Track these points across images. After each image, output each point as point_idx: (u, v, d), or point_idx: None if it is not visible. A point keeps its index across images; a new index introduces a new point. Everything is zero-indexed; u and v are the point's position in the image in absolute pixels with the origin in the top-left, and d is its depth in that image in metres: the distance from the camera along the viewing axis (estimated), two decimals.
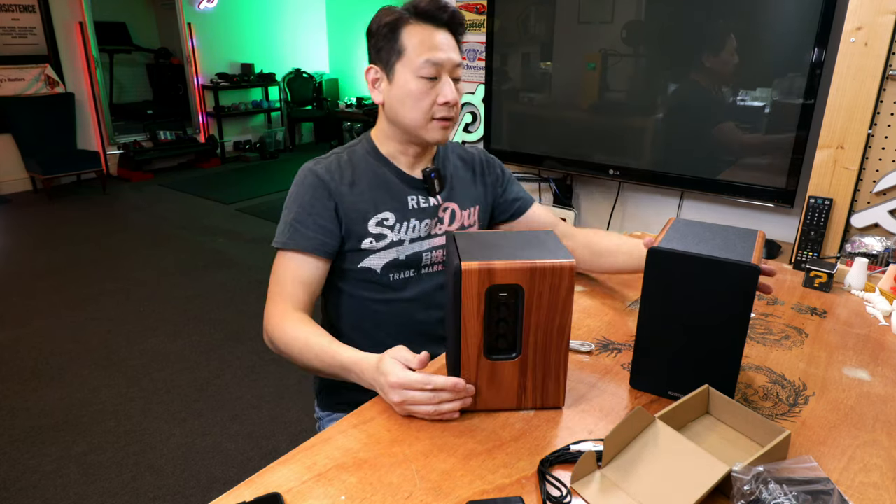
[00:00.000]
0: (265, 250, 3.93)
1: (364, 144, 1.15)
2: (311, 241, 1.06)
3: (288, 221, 1.08)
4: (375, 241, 1.10)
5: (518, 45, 2.68)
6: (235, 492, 0.70)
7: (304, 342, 0.97)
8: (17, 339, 2.77)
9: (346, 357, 0.91)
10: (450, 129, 1.10)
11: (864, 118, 1.69)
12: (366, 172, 1.12)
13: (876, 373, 0.99)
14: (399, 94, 1.05)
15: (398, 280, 1.14)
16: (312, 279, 1.07)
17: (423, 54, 1.02)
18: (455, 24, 1.07)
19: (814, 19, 1.90)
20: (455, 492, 0.71)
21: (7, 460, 1.98)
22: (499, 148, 2.82)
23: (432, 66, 1.03)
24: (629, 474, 0.71)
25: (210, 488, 1.87)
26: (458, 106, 1.10)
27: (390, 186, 1.12)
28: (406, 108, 1.06)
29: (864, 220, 1.75)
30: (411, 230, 1.13)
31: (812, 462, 0.67)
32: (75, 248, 3.98)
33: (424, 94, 1.04)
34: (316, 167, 1.10)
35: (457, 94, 1.08)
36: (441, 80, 1.05)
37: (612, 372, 0.97)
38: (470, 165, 1.24)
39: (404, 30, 1.04)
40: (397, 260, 1.12)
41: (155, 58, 7.81)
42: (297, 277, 1.05)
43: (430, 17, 1.04)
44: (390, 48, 1.04)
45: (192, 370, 2.52)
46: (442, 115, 1.06)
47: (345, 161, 1.12)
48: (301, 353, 0.98)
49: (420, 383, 0.80)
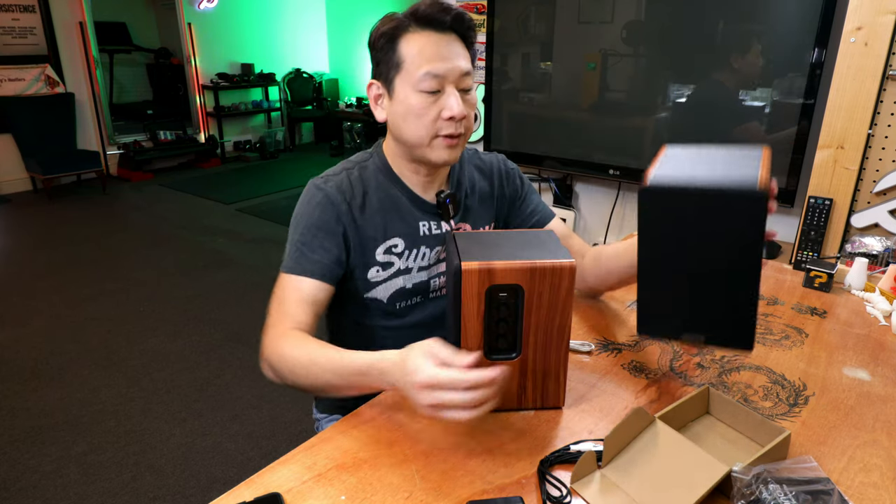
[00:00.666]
0: (265, 250, 3.93)
1: (376, 160, 1.06)
2: (315, 265, 0.98)
3: (294, 242, 1.00)
4: (382, 270, 1.03)
5: (518, 45, 2.68)
6: (235, 492, 0.70)
7: (309, 359, 0.86)
8: (17, 339, 2.77)
9: (361, 360, 0.80)
10: (457, 148, 0.99)
11: (864, 118, 1.69)
12: (376, 192, 1.03)
13: (876, 373, 0.99)
14: (400, 111, 0.96)
15: (404, 307, 1.08)
16: (316, 300, 0.97)
17: (423, 66, 0.92)
18: (462, 27, 0.96)
19: (814, 19, 1.91)
20: (455, 492, 0.71)
21: (7, 460, 1.98)
22: (499, 148, 2.82)
23: (433, 78, 0.92)
24: (629, 474, 0.71)
25: (210, 488, 1.87)
26: (471, 119, 0.98)
27: (401, 210, 1.04)
28: (408, 126, 0.96)
29: (864, 220, 1.75)
30: (420, 258, 1.05)
31: (812, 462, 0.67)
32: (75, 248, 3.98)
33: (426, 109, 0.94)
34: (326, 186, 1.00)
35: (464, 106, 0.95)
36: (445, 93, 0.94)
37: (612, 372, 0.97)
38: (488, 176, 1.15)
39: (402, 39, 0.94)
40: (404, 289, 1.05)
41: (155, 58, 7.81)
42: (300, 298, 0.96)
43: (431, 21, 0.93)
44: (388, 61, 0.95)
45: (192, 370, 2.52)
46: (447, 131, 0.95)
47: (355, 178, 1.03)
48: (308, 372, 0.86)
49: (454, 382, 0.69)
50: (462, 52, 0.96)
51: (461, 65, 0.94)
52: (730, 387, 0.94)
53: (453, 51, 0.94)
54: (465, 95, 0.97)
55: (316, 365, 0.85)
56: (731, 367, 1.00)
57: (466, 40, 0.98)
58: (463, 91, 0.96)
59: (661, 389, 0.93)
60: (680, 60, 2.28)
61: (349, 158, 1.08)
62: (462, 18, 0.95)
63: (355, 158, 1.08)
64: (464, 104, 0.96)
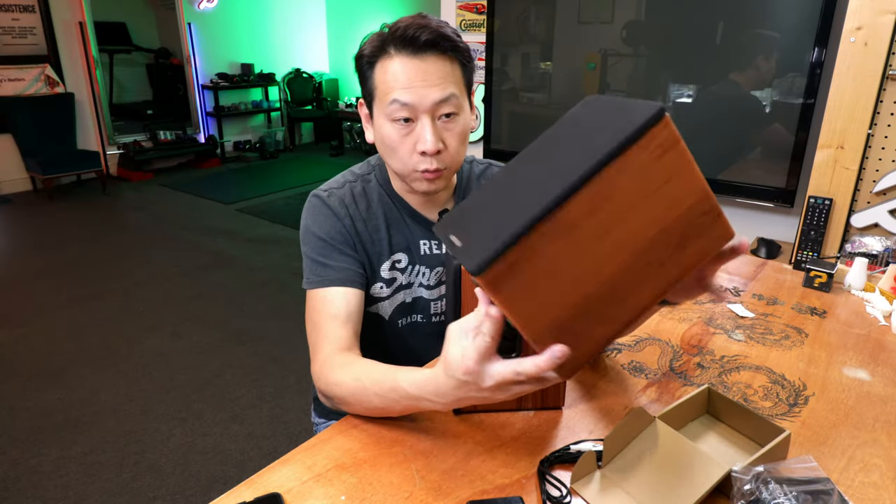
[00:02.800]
0: (265, 250, 3.93)
1: (377, 173, 1.02)
2: (339, 272, 0.93)
3: (310, 257, 0.95)
4: (386, 287, 1.01)
5: (518, 45, 2.68)
6: (235, 492, 0.70)
7: (357, 384, 0.79)
8: (17, 339, 2.77)
9: (409, 388, 0.70)
10: (440, 181, 0.91)
11: (864, 118, 1.69)
12: (380, 206, 1.00)
13: (876, 373, 0.99)
14: (378, 140, 0.91)
15: (407, 325, 1.06)
16: (350, 312, 0.91)
17: (391, 93, 0.85)
18: (443, 45, 0.85)
19: (814, 19, 1.91)
20: (455, 492, 0.71)
21: (7, 460, 1.98)
22: (498, 148, 2.82)
23: (402, 106, 0.84)
24: (629, 474, 0.71)
25: (210, 488, 1.87)
26: (453, 150, 0.89)
27: (403, 227, 1.01)
28: (387, 156, 0.91)
29: (864, 220, 1.75)
30: (421, 276, 1.03)
31: (812, 462, 0.67)
32: (75, 248, 3.98)
33: (400, 141, 0.87)
34: (329, 199, 0.97)
35: (445, 135, 0.87)
36: (418, 124, 0.86)
37: (612, 372, 0.97)
38: None
39: (378, 63, 0.87)
40: (404, 303, 1.03)
41: (155, 58, 7.81)
42: (333, 313, 0.90)
43: (407, 43, 0.84)
44: (367, 85, 0.90)
45: (192, 370, 2.52)
46: (423, 167, 0.88)
47: (358, 193, 0.99)
48: (359, 399, 0.79)
49: (520, 375, 0.58)
50: (444, 75, 0.86)
51: (434, 93, 0.84)
52: (730, 387, 0.94)
53: (430, 76, 0.84)
54: (448, 122, 0.87)
55: (365, 392, 0.77)
56: (731, 367, 1.00)
57: (455, 61, 0.87)
58: (445, 116, 0.87)
59: (661, 389, 0.93)
60: (680, 60, 2.28)
61: (350, 169, 1.04)
62: (442, 38, 0.84)
63: (357, 170, 1.03)
64: (447, 132, 0.88)
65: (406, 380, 0.71)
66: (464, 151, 0.94)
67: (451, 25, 0.89)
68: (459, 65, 0.89)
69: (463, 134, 0.91)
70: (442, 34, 0.85)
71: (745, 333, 1.12)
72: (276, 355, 2.64)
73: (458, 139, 0.90)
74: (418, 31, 0.83)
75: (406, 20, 0.85)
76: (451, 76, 0.87)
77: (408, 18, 0.86)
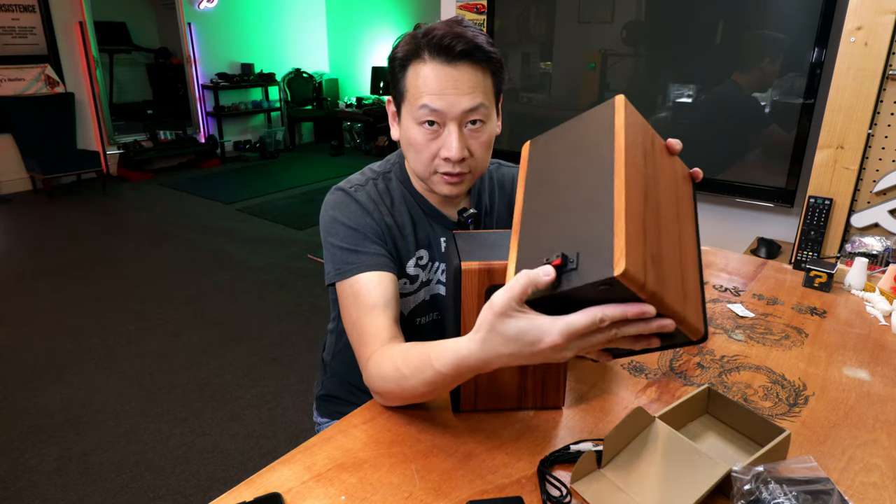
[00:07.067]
0: (265, 250, 3.93)
1: (397, 171, 1.02)
2: (370, 257, 0.91)
3: (338, 246, 0.92)
4: (409, 283, 1.01)
5: (518, 45, 2.68)
6: (235, 492, 0.70)
7: (397, 373, 0.77)
8: (17, 339, 2.77)
9: (449, 361, 0.67)
10: (461, 185, 0.93)
11: (864, 118, 1.69)
12: (402, 203, 1.00)
13: (876, 373, 0.99)
14: (404, 140, 0.93)
15: (423, 324, 1.05)
16: (388, 298, 0.89)
17: (421, 98, 0.86)
18: (477, 55, 0.86)
19: (814, 19, 1.91)
20: (455, 492, 0.71)
21: (7, 460, 1.98)
22: (498, 148, 2.82)
23: (431, 112, 0.86)
24: (629, 474, 0.71)
25: (210, 488, 1.87)
26: (479, 157, 0.91)
27: (424, 224, 1.02)
28: (410, 157, 0.93)
29: (864, 220, 1.75)
30: (440, 273, 1.04)
31: (812, 462, 0.67)
32: (75, 248, 3.98)
33: (425, 144, 0.89)
34: (356, 194, 0.96)
35: (471, 143, 0.89)
36: (445, 130, 0.88)
37: (612, 372, 0.97)
38: (507, 193, 1.11)
39: (411, 66, 0.88)
40: (424, 301, 1.03)
41: (155, 58, 7.81)
42: (369, 304, 0.87)
43: (441, 50, 0.85)
44: (397, 85, 0.91)
45: (192, 370, 2.52)
46: (445, 170, 0.90)
47: (382, 189, 0.99)
48: (402, 389, 0.78)
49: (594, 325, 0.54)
50: (475, 84, 0.86)
51: (464, 102, 0.86)
52: (730, 387, 0.94)
53: (462, 84, 0.85)
54: (475, 130, 0.89)
55: (406, 380, 0.76)
56: (731, 367, 1.00)
57: (486, 72, 0.88)
58: (472, 124, 0.88)
59: (661, 389, 0.93)
60: (679, 60, 2.28)
61: (370, 167, 1.04)
62: (476, 49, 0.85)
63: (377, 168, 1.04)
64: (472, 140, 0.89)
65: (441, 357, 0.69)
66: (488, 158, 0.95)
67: (485, 34, 0.89)
68: (491, 74, 0.89)
69: (488, 142, 0.92)
70: (477, 45, 0.85)
71: (745, 333, 1.12)
72: (277, 355, 2.64)
73: (484, 147, 0.91)
74: (454, 41, 0.84)
75: (443, 27, 0.86)
76: (481, 85, 0.87)
77: (444, 25, 0.86)
